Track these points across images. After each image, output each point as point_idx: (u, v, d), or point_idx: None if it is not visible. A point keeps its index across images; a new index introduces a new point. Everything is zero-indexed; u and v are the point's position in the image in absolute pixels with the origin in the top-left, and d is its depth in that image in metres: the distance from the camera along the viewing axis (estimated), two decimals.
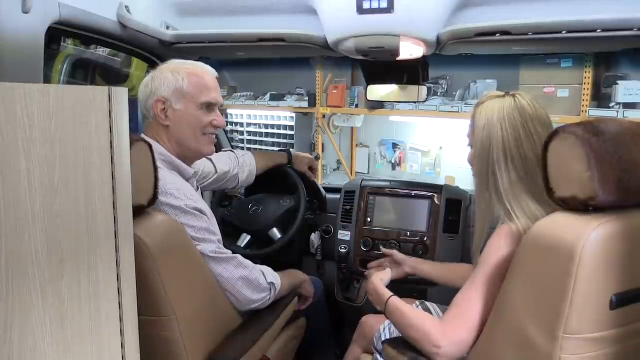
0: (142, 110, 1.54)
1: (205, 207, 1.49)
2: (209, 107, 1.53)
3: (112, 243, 0.91)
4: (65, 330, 0.84)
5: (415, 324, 1.28)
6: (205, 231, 1.44)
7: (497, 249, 1.20)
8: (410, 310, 1.35)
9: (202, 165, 1.81)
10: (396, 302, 1.38)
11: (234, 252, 1.52)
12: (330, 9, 1.64)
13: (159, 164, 1.42)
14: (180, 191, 1.41)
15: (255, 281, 1.52)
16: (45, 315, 0.81)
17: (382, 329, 1.61)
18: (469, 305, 1.20)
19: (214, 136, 1.59)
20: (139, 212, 1.19)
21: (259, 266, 1.59)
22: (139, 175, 1.13)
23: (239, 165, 1.99)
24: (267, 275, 1.58)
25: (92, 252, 0.87)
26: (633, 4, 1.37)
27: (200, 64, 1.58)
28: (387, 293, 1.43)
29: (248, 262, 1.54)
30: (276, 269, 1.68)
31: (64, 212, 0.82)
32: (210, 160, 1.88)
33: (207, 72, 1.55)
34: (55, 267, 0.82)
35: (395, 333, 1.50)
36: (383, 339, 1.54)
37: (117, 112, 0.89)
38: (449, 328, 1.21)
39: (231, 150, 2.06)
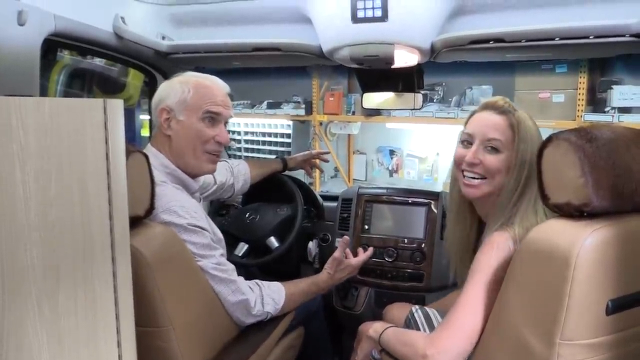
0: (153, 117, 1.54)
1: (208, 223, 1.49)
2: (212, 120, 1.49)
3: (108, 254, 0.91)
4: (62, 342, 0.84)
5: (403, 340, 1.31)
6: (207, 247, 1.42)
7: (488, 257, 1.19)
8: (401, 330, 1.39)
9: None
10: (388, 330, 1.40)
11: (231, 262, 1.52)
12: (324, 18, 1.65)
13: (163, 177, 1.42)
14: (183, 209, 1.38)
15: (249, 308, 1.51)
16: (41, 327, 0.81)
17: None
18: (459, 314, 1.19)
19: (217, 155, 1.55)
20: (136, 222, 1.19)
21: (264, 288, 1.57)
22: (136, 185, 1.13)
23: (234, 175, 2.00)
24: (267, 304, 1.56)
25: (88, 264, 0.87)
26: (624, 10, 1.38)
27: (212, 77, 1.54)
28: (380, 329, 1.43)
29: (246, 289, 1.51)
30: (274, 277, 1.68)
31: (60, 224, 0.82)
32: None
33: (215, 85, 1.52)
34: (51, 278, 0.82)
35: None
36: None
37: (112, 123, 0.89)
38: (435, 337, 1.21)
39: (225, 161, 2.06)
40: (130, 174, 0.99)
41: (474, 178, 1.34)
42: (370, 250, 1.95)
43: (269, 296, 1.57)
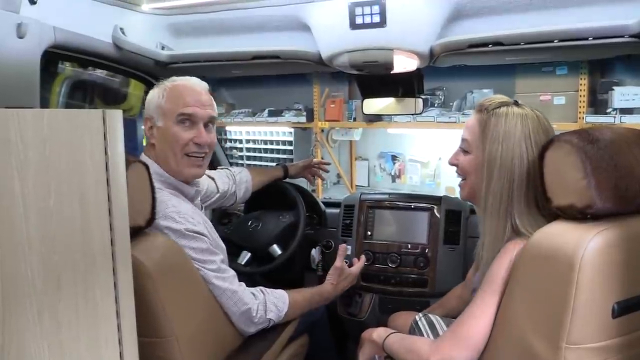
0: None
1: (207, 228, 1.48)
2: (189, 122, 1.46)
3: (109, 265, 0.91)
4: (63, 354, 0.84)
5: (407, 346, 1.29)
6: (206, 252, 1.42)
7: (502, 267, 1.14)
8: (406, 336, 1.37)
9: (205, 184, 1.79)
10: (392, 336, 1.38)
11: (234, 270, 1.51)
12: (323, 25, 1.65)
13: (158, 185, 1.42)
14: (180, 214, 1.39)
15: (252, 317, 1.50)
16: (43, 340, 0.80)
17: None
18: (467, 323, 1.17)
19: (201, 158, 1.51)
20: (137, 233, 1.19)
21: (267, 295, 1.57)
22: (136, 196, 1.13)
23: (236, 183, 1.99)
24: (269, 311, 1.55)
25: (89, 275, 0.87)
26: (623, 11, 1.38)
27: (189, 78, 1.51)
28: (384, 334, 1.40)
29: (248, 297, 1.50)
30: (277, 285, 1.67)
31: (60, 236, 0.82)
32: (213, 179, 1.87)
33: (190, 85, 1.48)
34: (52, 291, 0.81)
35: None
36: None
37: (112, 133, 0.89)
38: (441, 344, 1.19)
39: (227, 168, 2.05)
40: (131, 183, 0.99)
41: (460, 179, 1.36)
42: (363, 258, 1.94)
43: (272, 303, 1.57)
